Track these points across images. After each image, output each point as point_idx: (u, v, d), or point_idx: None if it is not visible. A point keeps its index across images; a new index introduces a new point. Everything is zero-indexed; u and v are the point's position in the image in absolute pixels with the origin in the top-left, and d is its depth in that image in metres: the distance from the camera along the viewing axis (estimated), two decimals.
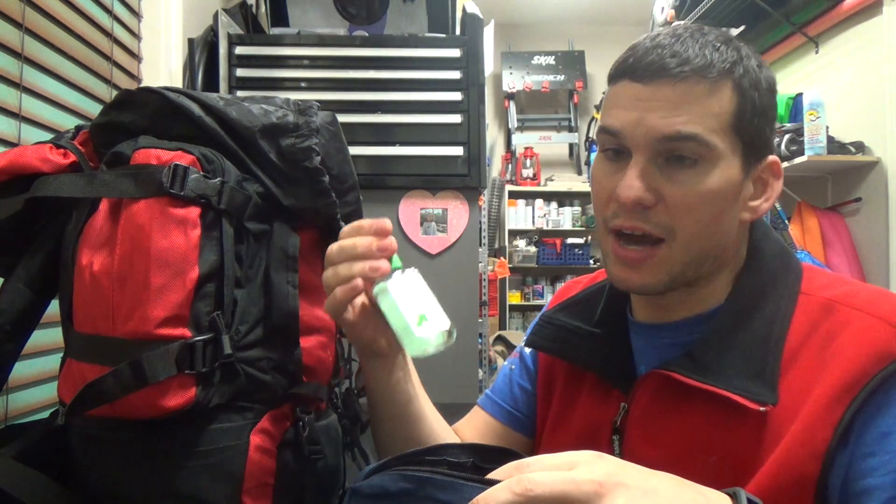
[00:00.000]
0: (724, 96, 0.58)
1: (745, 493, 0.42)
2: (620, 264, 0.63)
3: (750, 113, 0.59)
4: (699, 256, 0.61)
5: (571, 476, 0.38)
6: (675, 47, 0.58)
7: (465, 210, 1.56)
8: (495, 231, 5.07)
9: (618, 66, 0.62)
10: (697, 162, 0.58)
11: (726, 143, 0.59)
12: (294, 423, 0.63)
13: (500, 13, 4.58)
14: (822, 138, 2.65)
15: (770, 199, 0.64)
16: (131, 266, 0.54)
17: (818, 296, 0.61)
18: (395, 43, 1.57)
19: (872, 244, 2.75)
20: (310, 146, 0.63)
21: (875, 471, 0.52)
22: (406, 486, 0.46)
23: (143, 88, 0.64)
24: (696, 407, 0.60)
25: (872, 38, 2.78)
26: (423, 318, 0.59)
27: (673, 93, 0.58)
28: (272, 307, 0.61)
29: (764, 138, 0.62)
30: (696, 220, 0.59)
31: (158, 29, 1.39)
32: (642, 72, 0.59)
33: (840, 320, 0.58)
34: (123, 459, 0.57)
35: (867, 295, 0.60)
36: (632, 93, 0.60)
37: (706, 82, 0.58)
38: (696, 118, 0.57)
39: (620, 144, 0.61)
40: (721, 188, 0.59)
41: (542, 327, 0.76)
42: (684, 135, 0.57)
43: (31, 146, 0.63)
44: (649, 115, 0.58)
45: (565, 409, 0.74)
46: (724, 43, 0.60)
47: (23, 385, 0.88)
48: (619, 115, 0.60)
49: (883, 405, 0.54)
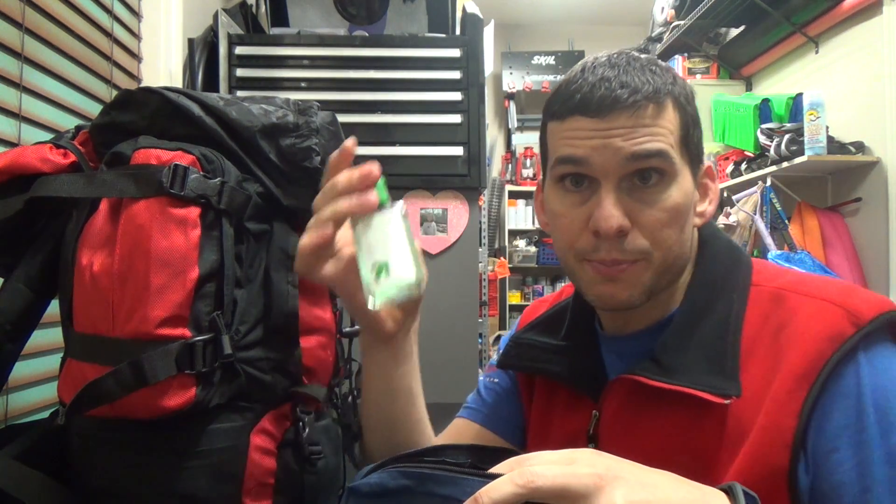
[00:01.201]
0: (670, 115, 0.61)
1: (741, 487, 0.43)
2: (602, 279, 0.63)
3: (691, 125, 0.62)
4: (672, 267, 0.63)
5: (572, 469, 0.39)
6: (622, 78, 0.60)
7: (465, 210, 1.56)
8: (495, 231, 5.07)
9: (563, 102, 0.62)
10: (662, 179, 0.60)
11: (680, 157, 0.61)
12: (294, 423, 0.63)
13: (500, 13, 4.58)
14: (822, 138, 2.65)
15: (713, 201, 0.67)
16: (131, 266, 0.54)
17: (767, 286, 0.63)
18: (395, 43, 1.57)
19: (872, 244, 2.75)
20: (310, 146, 0.63)
21: (840, 466, 0.53)
22: (406, 482, 0.45)
23: (143, 88, 0.64)
24: (663, 409, 0.61)
25: (872, 38, 2.78)
26: (382, 269, 0.53)
27: (630, 120, 0.59)
28: (272, 307, 0.61)
29: (701, 147, 0.65)
30: (668, 237, 0.61)
31: (158, 29, 1.39)
32: (596, 107, 0.60)
33: (790, 308, 0.60)
34: (123, 459, 0.57)
35: (814, 281, 0.62)
36: (589, 125, 0.60)
37: (655, 106, 0.60)
38: (656, 136, 0.59)
39: (583, 174, 0.62)
40: (683, 201, 0.61)
41: (511, 348, 0.76)
42: (651, 151, 0.59)
43: (31, 146, 0.63)
44: (614, 140, 0.59)
45: (542, 422, 0.75)
46: (656, 65, 0.62)
47: (23, 385, 0.88)
48: (582, 144, 0.61)
49: (839, 393, 0.55)
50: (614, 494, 0.38)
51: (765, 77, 3.63)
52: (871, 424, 0.54)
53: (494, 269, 3.91)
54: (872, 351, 0.56)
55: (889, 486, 0.52)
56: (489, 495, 0.39)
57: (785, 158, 2.80)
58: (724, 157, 3.41)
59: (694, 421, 0.59)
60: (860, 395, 0.55)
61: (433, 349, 1.57)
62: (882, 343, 0.57)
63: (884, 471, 0.52)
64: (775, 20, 3.20)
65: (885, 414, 0.54)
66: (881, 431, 0.54)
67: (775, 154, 2.84)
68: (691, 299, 0.65)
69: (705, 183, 0.67)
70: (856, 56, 2.88)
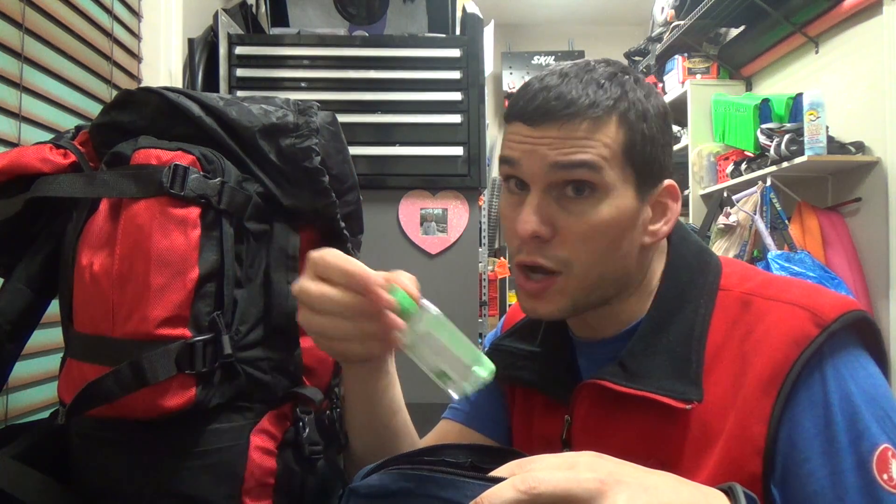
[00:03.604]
0: (611, 130, 0.60)
1: (741, 488, 0.43)
2: (525, 295, 0.65)
3: (640, 143, 0.61)
4: (598, 282, 0.63)
5: (574, 474, 0.39)
6: (561, 88, 0.60)
7: (465, 210, 1.56)
8: (495, 231, 5.07)
9: (511, 107, 0.64)
10: (592, 193, 0.60)
11: (617, 173, 0.60)
12: (294, 423, 0.63)
13: (500, 13, 4.58)
14: (822, 138, 2.64)
15: (669, 221, 0.65)
16: (131, 266, 0.54)
17: (735, 291, 0.64)
18: (395, 43, 1.57)
19: (872, 244, 2.75)
20: (310, 146, 0.63)
21: (812, 475, 0.54)
22: (406, 484, 0.45)
23: (142, 88, 0.64)
24: (629, 414, 0.62)
25: (872, 38, 2.78)
26: (443, 375, 0.52)
27: (559, 132, 0.59)
28: (272, 307, 0.61)
29: (658, 165, 0.63)
30: (590, 251, 0.61)
31: (158, 29, 1.39)
32: (530, 115, 0.61)
33: (756, 312, 0.61)
34: (123, 459, 0.57)
35: (779, 284, 0.63)
36: (524, 132, 0.61)
37: (589, 121, 0.59)
38: (584, 149, 0.59)
39: (517, 173, 0.63)
40: (614, 218, 0.60)
41: (490, 354, 0.76)
42: (575, 162, 0.59)
43: (31, 146, 0.63)
44: (542, 148, 0.60)
45: (524, 427, 0.75)
46: (609, 79, 0.61)
47: (23, 385, 0.88)
48: (514, 148, 0.62)
49: (808, 401, 0.55)
50: (617, 499, 0.38)
51: (765, 77, 3.63)
52: (840, 432, 0.54)
53: (494, 269, 3.91)
54: (838, 355, 0.57)
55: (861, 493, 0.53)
56: (491, 500, 0.38)
57: (785, 158, 2.80)
58: (724, 157, 3.41)
59: (659, 426, 0.60)
60: (828, 403, 0.55)
61: None
62: (847, 345, 0.58)
63: (855, 477, 0.53)
64: (775, 20, 3.20)
65: (853, 422, 0.55)
66: (850, 439, 0.54)
67: (775, 154, 2.84)
68: (658, 305, 0.65)
69: (664, 202, 0.65)
70: (856, 56, 2.88)
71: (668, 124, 0.65)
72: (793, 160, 2.75)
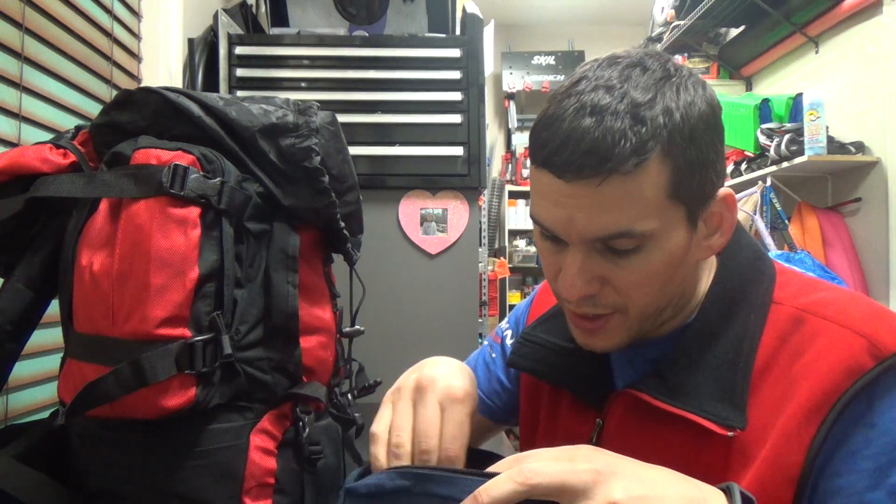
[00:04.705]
0: (653, 173, 0.52)
1: (738, 488, 0.42)
2: (580, 332, 0.62)
3: (687, 171, 0.54)
4: (656, 313, 0.60)
5: (570, 466, 0.39)
6: (595, 134, 0.51)
7: (465, 210, 1.56)
8: (495, 231, 5.07)
9: (536, 149, 0.56)
10: (638, 248, 0.55)
11: (665, 218, 0.54)
12: (294, 423, 0.63)
13: (500, 13, 4.58)
14: (822, 138, 2.65)
15: (726, 232, 0.59)
16: (131, 266, 0.54)
17: (789, 305, 0.59)
18: (395, 43, 1.57)
19: (872, 244, 2.75)
20: (310, 146, 0.63)
21: (843, 491, 0.51)
22: (403, 482, 0.45)
23: (142, 88, 0.63)
24: (665, 427, 0.59)
25: (872, 38, 2.78)
26: None
27: (597, 194, 0.52)
28: (272, 307, 0.61)
29: (709, 185, 0.56)
30: (646, 294, 0.57)
31: (158, 29, 1.39)
32: (561, 169, 0.53)
33: (809, 332, 0.56)
34: (123, 459, 0.57)
35: (839, 303, 0.58)
36: (556, 188, 0.54)
37: (632, 172, 0.51)
38: (626, 216, 0.53)
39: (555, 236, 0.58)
40: (667, 259, 0.56)
41: (521, 346, 0.75)
42: (616, 234, 0.54)
43: (31, 146, 0.63)
44: (577, 214, 0.54)
45: (550, 422, 0.74)
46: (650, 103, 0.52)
47: (23, 385, 0.88)
48: (549, 211, 0.56)
49: (852, 423, 0.52)
50: (612, 489, 0.38)
51: (765, 77, 3.63)
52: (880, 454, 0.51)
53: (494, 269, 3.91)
54: (892, 391, 0.52)
55: None
56: (489, 493, 0.39)
57: (785, 158, 2.80)
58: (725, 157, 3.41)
59: (694, 444, 0.57)
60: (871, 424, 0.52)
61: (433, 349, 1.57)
62: None
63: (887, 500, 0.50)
64: (775, 20, 3.20)
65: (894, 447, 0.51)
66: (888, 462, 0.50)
67: (775, 154, 2.84)
68: (705, 315, 0.61)
69: (718, 213, 0.59)
70: (856, 56, 2.88)
71: (717, 126, 0.57)
72: (793, 160, 2.75)
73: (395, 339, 1.50)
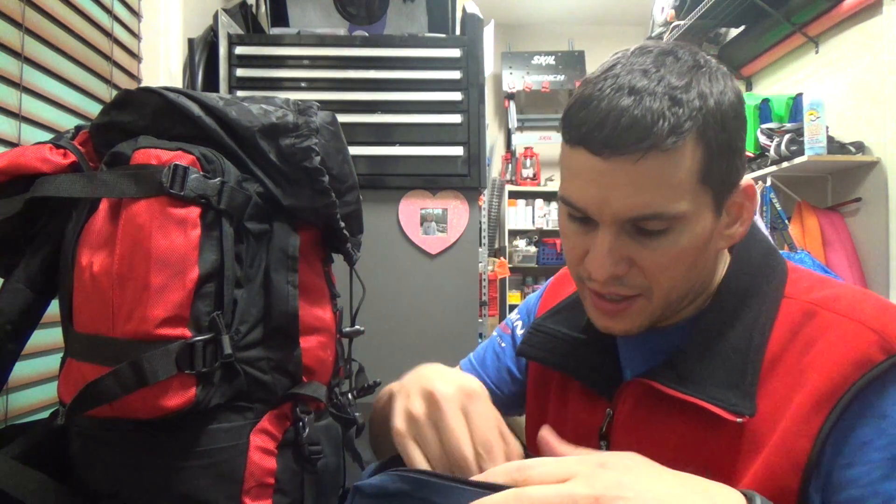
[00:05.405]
0: (687, 155, 0.54)
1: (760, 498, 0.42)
2: (600, 314, 0.63)
3: (717, 157, 0.56)
4: (678, 299, 0.61)
5: (569, 491, 0.38)
6: (634, 112, 0.52)
7: (465, 210, 1.56)
8: (495, 231, 5.07)
9: (572, 128, 0.57)
10: (668, 230, 0.56)
11: (696, 201, 0.56)
12: (294, 423, 0.63)
13: (500, 13, 4.58)
14: (822, 138, 2.65)
15: (746, 221, 0.62)
16: (131, 266, 0.54)
17: (801, 300, 0.60)
18: (395, 43, 1.57)
19: (872, 244, 2.75)
20: (309, 146, 0.63)
21: (856, 482, 0.51)
22: (404, 487, 0.46)
23: (142, 88, 0.63)
24: (676, 416, 0.60)
25: (872, 38, 2.78)
26: None
27: (635, 171, 0.53)
28: (272, 307, 0.61)
29: (735, 172, 0.59)
30: (672, 276, 0.58)
31: (158, 29, 1.39)
32: (600, 145, 0.54)
33: (820, 325, 0.57)
34: (123, 459, 0.57)
35: (850, 299, 0.59)
36: (591, 166, 0.55)
37: (668, 152, 0.53)
38: (660, 194, 0.54)
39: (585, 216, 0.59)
40: (694, 243, 0.57)
41: (531, 335, 0.76)
42: (649, 215, 0.55)
43: (31, 146, 0.63)
44: (612, 193, 0.55)
45: (559, 412, 0.74)
46: (686, 87, 0.54)
47: (23, 385, 0.88)
48: (581, 190, 0.57)
49: (861, 413, 0.53)
50: None
51: (765, 77, 3.63)
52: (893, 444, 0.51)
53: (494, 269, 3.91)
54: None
55: None
56: None
57: (785, 158, 2.80)
58: None
59: (707, 433, 0.58)
60: (883, 415, 0.52)
61: (433, 349, 1.58)
62: None
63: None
64: (775, 20, 3.20)
65: None
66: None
67: (775, 154, 2.84)
68: (718, 306, 0.62)
69: (739, 203, 0.61)
70: (856, 56, 2.88)
71: (742, 113, 0.59)
72: (793, 160, 2.75)
73: (395, 339, 1.50)
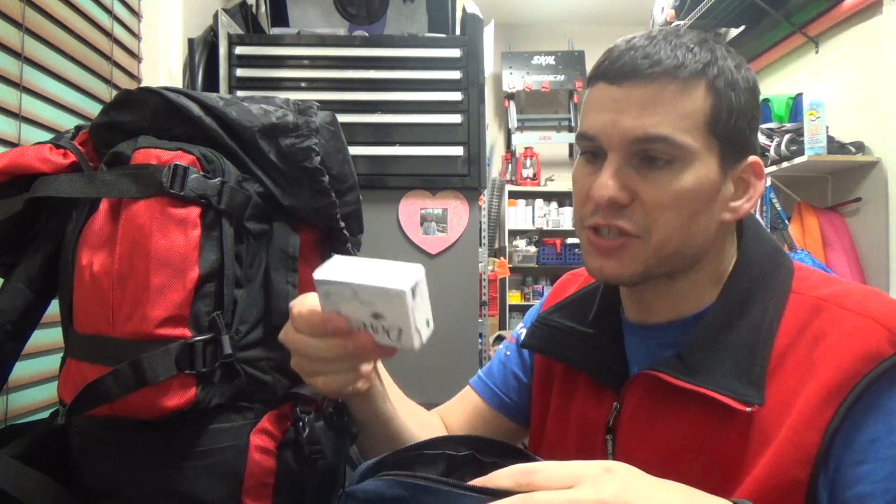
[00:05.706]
0: (698, 96, 0.58)
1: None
2: (595, 253, 0.63)
3: (726, 112, 0.59)
4: (674, 253, 0.61)
5: (577, 496, 0.38)
6: (648, 49, 0.59)
7: (465, 210, 1.56)
8: (495, 231, 5.07)
9: (595, 69, 0.63)
10: (671, 162, 0.59)
11: (700, 143, 0.59)
12: (294, 423, 0.63)
13: (500, 13, 4.58)
14: (822, 138, 2.65)
15: (752, 199, 0.63)
16: (131, 266, 0.54)
17: (808, 295, 0.61)
18: (395, 43, 1.57)
19: (872, 244, 2.75)
20: (309, 146, 0.63)
21: (865, 479, 0.52)
22: (400, 492, 0.45)
23: (142, 88, 0.64)
24: (684, 408, 0.60)
25: (872, 38, 2.78)
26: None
27: (644, 93, 0.58)
28: (272, 307, 0.61)
29: (744, 138, 0.61)
30: (671, 219, 0.59)
31: (158, 29, 1.39)
32: (615, 73, 0.60)
33: (829, 320, 0.58)
34: (123, 459, 0.57)
35: (858, 295, 0.60)
36: (606, 94, 0.60)
37: (678, 82, 0.58)
38: (668, 119, 0.58)
39: (597, 147, 0.62)
40: (696, 187, 0.59)
41: (536, 328, 0.76)
42: (654, 136, 0.58)
43: (31, 146, 0.63)
44: (622, 116, 0.59)
45: (564, 406, 0.74)
46: (699, 44, 0.60)
47: (23, 385, 0.88)
48: (595, 119, 0.61)
49: (871, 409, 0.53)
50: None
51: (765, 77, 3.63)
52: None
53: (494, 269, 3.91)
54: None
55: None
56: None
57: (785, 158, 2.80)
58: None
59: (715, 424, 0.58)
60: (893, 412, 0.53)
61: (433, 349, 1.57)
62: None
63: None
64: (775, 20, 3.20)
65: None
66: None
67: (775, 154, 2.84)
68: (725, 300, 0.63)
69: (747, 178, 0.63)
70: (856, 56, 2.88)
71: (756, 99, 0.63)
72: (793, 160, 2.75)
73: None
